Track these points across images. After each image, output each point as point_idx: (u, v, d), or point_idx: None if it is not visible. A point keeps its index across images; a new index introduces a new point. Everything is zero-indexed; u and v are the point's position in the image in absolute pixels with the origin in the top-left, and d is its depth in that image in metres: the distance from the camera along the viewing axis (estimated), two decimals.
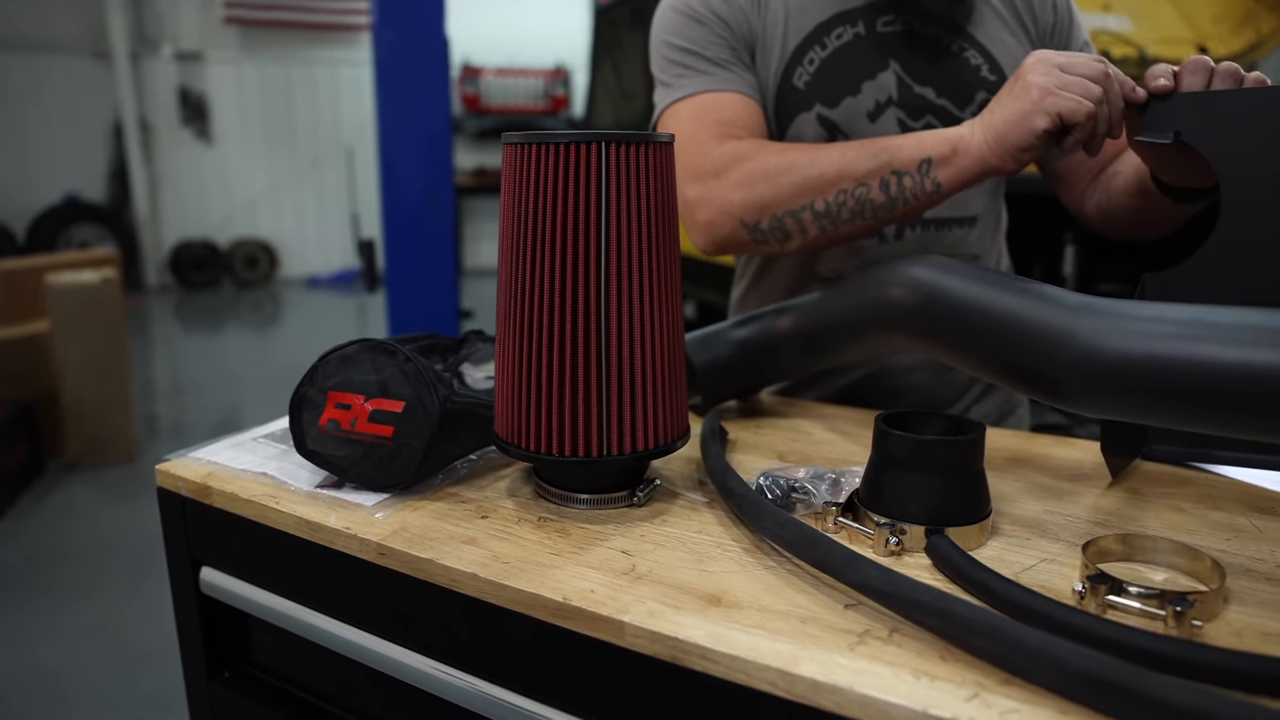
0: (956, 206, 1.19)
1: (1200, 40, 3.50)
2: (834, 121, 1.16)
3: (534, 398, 0.75)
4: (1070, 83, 0.87)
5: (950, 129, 0.98)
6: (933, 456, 0.68)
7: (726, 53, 1.16)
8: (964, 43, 1.16)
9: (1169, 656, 0.51)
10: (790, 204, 1.04)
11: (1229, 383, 0.57)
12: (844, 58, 1.15)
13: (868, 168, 1.00)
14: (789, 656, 0.55)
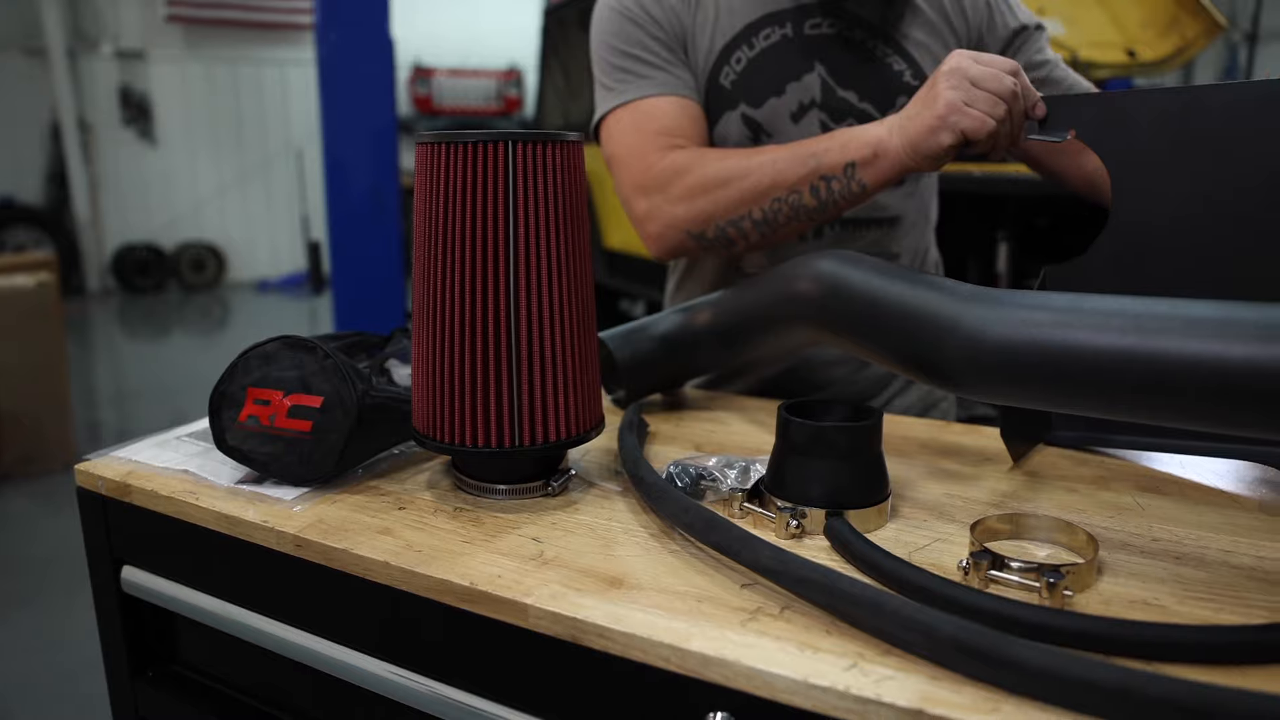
0: (874, 208, 1.22)
1: (1129, 44, 3.59)
2: (758, 121, 1.18)
3: (448, 391, 0.76)
4: (977, 99, 0.91)
5: (871, 130, 1.01)
6: (831, 442, 0.71)
7: (664, 53, 1.18)
8: (889, 48, 1.19)
9: (1033, 623, 0.54)
10: (730, 214, 1.09)
11: (1100, 367, 0.61)
12: (770, 58, 1.18)
13: (798, 175, 1.04)
14: (682, 633, 0.57)
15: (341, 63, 3.72)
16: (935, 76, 0.95)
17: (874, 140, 1.00)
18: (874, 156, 1.00)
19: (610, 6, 1.21)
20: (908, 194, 1.25)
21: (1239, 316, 0.57)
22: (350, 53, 3.72)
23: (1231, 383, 0.56)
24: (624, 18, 1.19)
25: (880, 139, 0.99)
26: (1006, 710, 0.48)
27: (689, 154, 1.13)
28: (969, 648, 0.50)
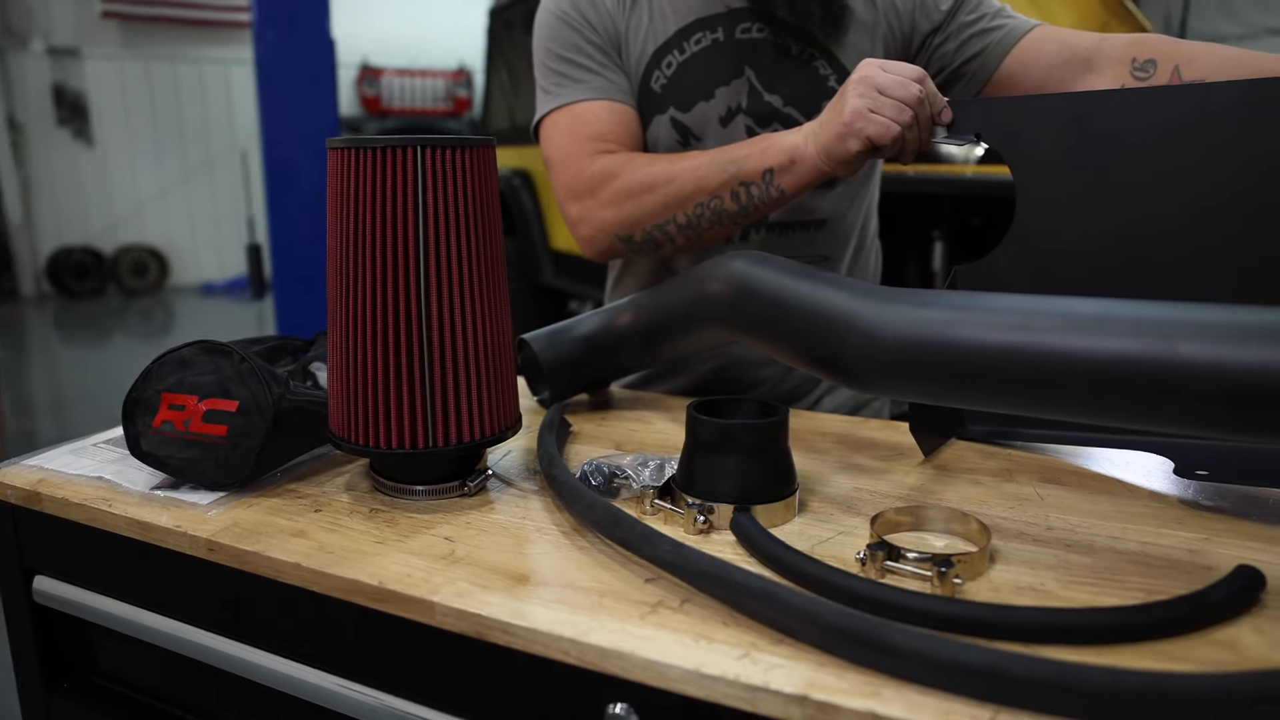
0: (800, 211, 1.24)
1: None
2: (687, 125, 1.20)
3: (362, 394, 0.77)
4: (883, 106, 0.94)
5: (789, 137, 1.04)
6: (737, 440, 0.73)
7: (599, 56, 1.20)
8: (815, 51, 1.20)
9: (918, 610, 0.56)
10: (656, 219, 1.12)
11: (987, 362, 0.63)
12: (701, 63, 1.19)
13: (719, 180, 1.07)
14: (582, 627, 0.58)
15: (280, 62, 3.69)
16: (845, 85, 0.97)
17: (791, 147, 1.02)
18: (791, 163, 1.02)
19: (549, 11, 1.23)
20: (837, 196, 1.27)
21: (1116, 314, 0.60)
22: (289, 52, 3.69)
23: (1106, 377, 0.58)
24: (562, 22, 1.21)
25: (796, 146, 1.02)
26: (886, 694, 0.50)
27: (618, 159, 1.15)
28: (851, 634, 0.52)
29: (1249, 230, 0.81)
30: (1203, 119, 0.82)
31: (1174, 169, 0.83)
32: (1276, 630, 0.57)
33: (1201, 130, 0.82)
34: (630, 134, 1.20)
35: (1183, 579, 0.64)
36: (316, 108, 3.87)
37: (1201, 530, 0.73)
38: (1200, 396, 0.55)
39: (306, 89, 3.79)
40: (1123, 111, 0.84)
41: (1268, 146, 0.79)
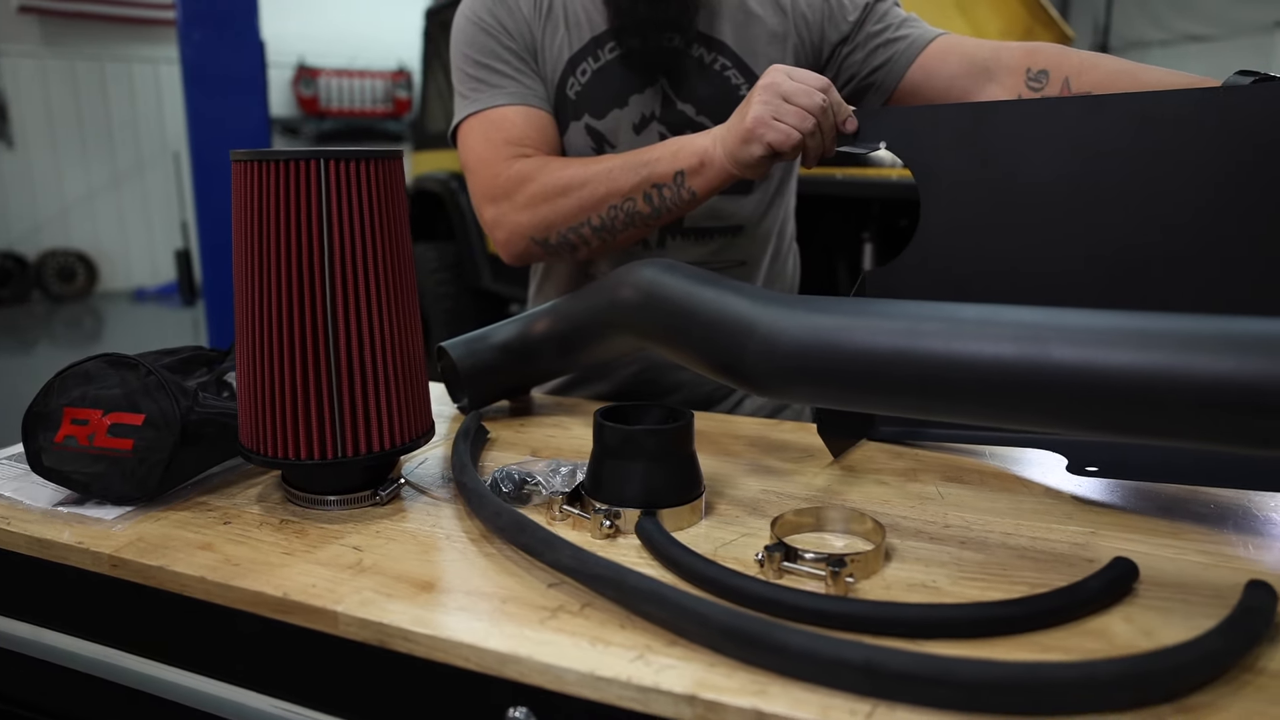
0: (717, 217, 1.26)
1: None
2: (601, 132, 1.21)
3: (271, 406, 0.77)
4: (785, 113, 0.96)
5: (699, 140, 1.06)
6: (641, 445, 0.74)
7: (515, 62, 1.21)
8: (727, 60, 1.22)
9: (808, 609, 0.58)
10: (570, 221, 1.13)
11: (876, 367, 0.65)
12: (613, 71, 1.21)
13: (631, 183, 1.08)
14: (482, 633, 0.59)
15: (207, 63, 3.63)
16: (752, 91, 0.99)
17: (700, 150, 1.04)
18: (701, 165, 1.04)
19: (466, 17, 1.23)
20: (753, 202, 1.29)
21: (997, 319, 0.62)
22: (216, 53, 3.63)
23: (985, 379, 0.60)
24: (478, 28, 1.22)
25: (706, 149, 1.04)
26: (772, 691, 0.52)
27: (533, 163, 1.16)
28: (738, 635, 0.53)
29: (1141, 234, 0.84)
30: (1093, 129, 0.85)
31: (1068, 177, 0.86)
32: (1145, 618, 0.60)
33: (1092, 140, 0.85)
34: (546, 139, 1.21)
35: (1066, 572, 0.67)
36: (246, 110, 3.81)
37: (1089, 524, 0.76)
38: (1070, 397, 0.58)
39: (235, 91, 3.73)
40: (1020, 122, 0.87)
41: (1157, 156, 0.82)
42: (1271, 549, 0.71)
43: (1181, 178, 0.81)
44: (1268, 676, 0.53)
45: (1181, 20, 8.97)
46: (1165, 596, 0.63)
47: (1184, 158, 0.81)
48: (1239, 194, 0.79)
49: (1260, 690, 0.51)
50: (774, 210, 1.32)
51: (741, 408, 1.35)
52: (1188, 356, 0.54)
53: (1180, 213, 0.82)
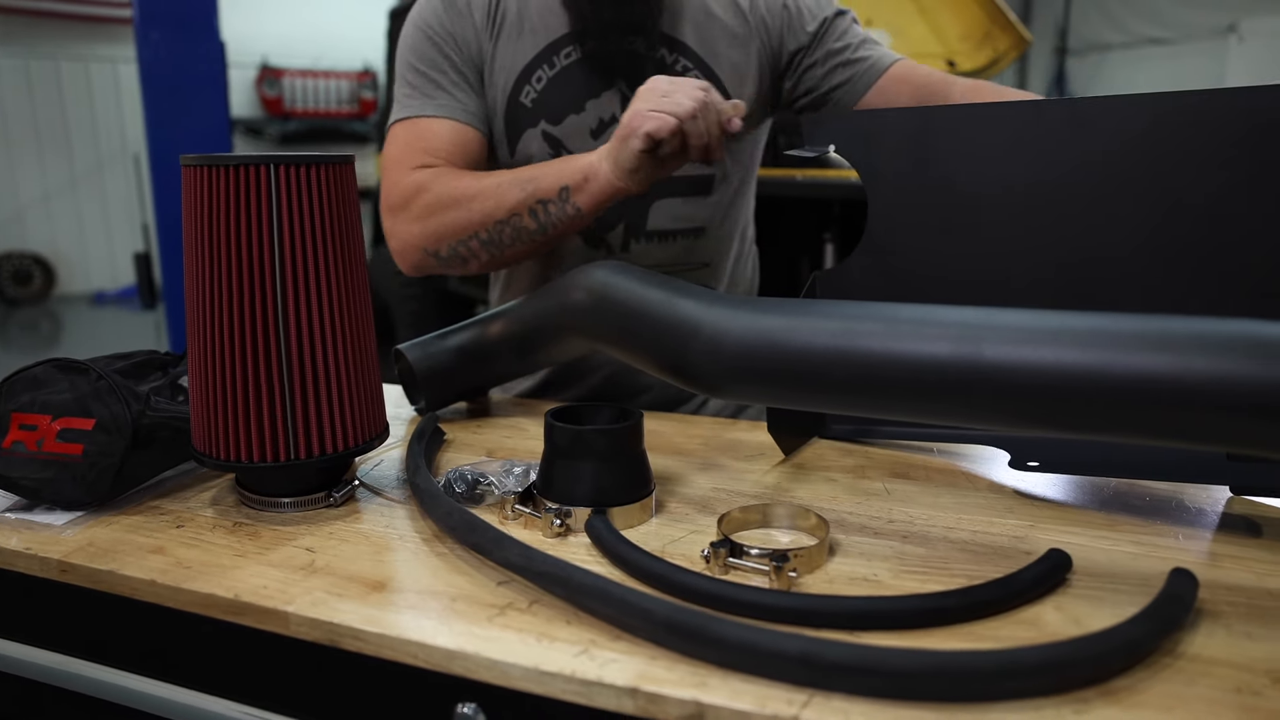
0: (680, 220, 1.28)
1: (949, 55, 3.82)
2: (558, 138, 1.22)
3: (223, 409, 0.77)
4: (663, 104, 0.98)
5: (587, 155, 1.08)
6: (590, 445, 0.75)
7: (454, 75, 1.21)
8: (690, 63, 1.23)
9: (750, 603, 0.60)
10: (459, 235, 1.14)
11: (816, 366, 0.67)
12: (571, 76, 1.22)
13: (518, 198, 1.10)
14: (430, 631, 0.60)
15: (166, 63, 3.59)
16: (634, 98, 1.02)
17: (586, 164, 1.06)
18: (585, 180, 1.06)
19: (415, 24, 1.24)
20: (713, 205, 1.30)
21: (933, 318, 0.64)
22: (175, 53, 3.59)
23: (921, 378, 0.62)
24: (425, 36, 1.22)
25: (591, 163, 1.06)
26: (712, 683, 0.53)
27: (429, 174, 1.17)
28: (679, 628, 0.55)
29: (1084, 237, 0.86)
30: (1033, 134, 0.87)
31: (1011, 181, 0.88)
32: (1076, 607, 0.62)
33: (1032, 144, 0.87)
34: (466, 154, 1.22)
35: (1003, 564, 0.69)
36: (206, 111, 3.77)
37: (1028, 518, 0.78)
38: (1003, 395, 0.60)
39: (195, 91, 3.69)
40: (963, 126, 0.89)
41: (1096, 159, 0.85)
42: (1200, 539, 0.74)
43: (1119, 182, 0.84)
44: (1186, 660, 0.55)
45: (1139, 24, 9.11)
46: (1096, 586, 0.65)
47: (1122, 162, 0.83)
48: (1177, 199, 0.82)
49: (1178, 673, 0.54)
50: (735, 212, 1.34)
51: (706, 409, 1.36)
52: (1113, 354, 0.56)
53: (1121, 216, 0.84)
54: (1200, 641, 0.57)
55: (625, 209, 1.24)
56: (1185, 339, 0.55)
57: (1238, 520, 0.77)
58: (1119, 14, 9.20)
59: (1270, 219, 0.78)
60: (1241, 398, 0.52)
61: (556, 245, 1.24)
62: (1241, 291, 0.81)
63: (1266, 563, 0.69)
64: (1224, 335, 0.54)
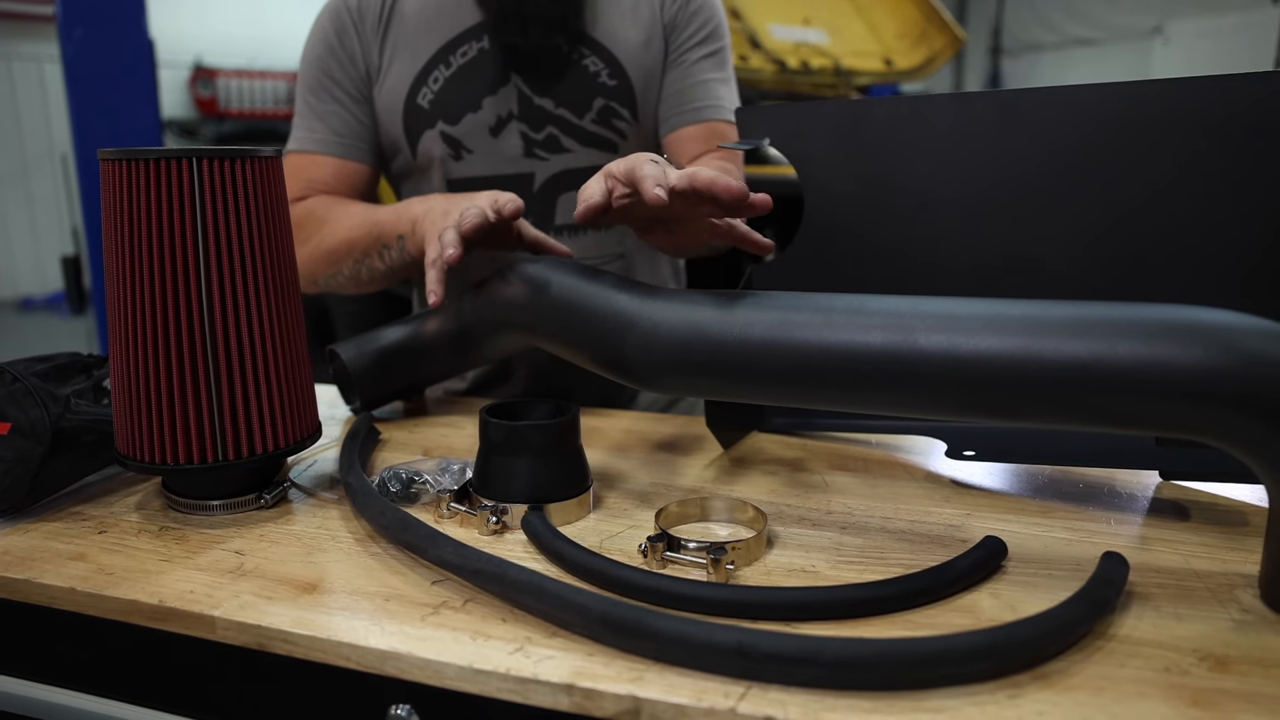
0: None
1: (886, 54, 3.86)
2: (456, 138, 1.21)
3: (147, 410, 0.75)
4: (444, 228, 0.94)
5: (417, 207, 1.07)
6: (525, 440, 0.74)
7: (329, 101, 1.23)
8: (585, 48, 1.22)
9: (687, 596, 0.59)
10: (327, 270, 1.18)
11: (750, 357, 0.66)
12: (468, 75, 1.21)
13: (367, 242, 1.12)
14: (362, 632, 0.59)
15: (91, 61, 3.49)
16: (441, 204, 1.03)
17: (413, 218, 1.06)
18: (412, 232, 1.07)
19: (320, 22, 1.24)
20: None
21: (867, 308, 0.64)
22: (101, 51, 3.49)
23: (855, 367, 0.62)
24: (311, 59, 1.24)
25: (418, 218, 1.06)
26: (649, 678, 0.53)
27: (304, 209, 1.20)
28: (615, 623, 0.54)
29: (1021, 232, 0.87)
30: (964, 126, 0.88)
31: (947, 174, 0.89)
32: (1011, 593, 0.62)
33: (967, 137, 0.88)
34: (349, 186, 1.24)
35: (940, 553, 0.69)
36: (135, 110, 3.67)
37: (965, 506, 0.79)
38: (936, 383, 0.60)
39: (122, 90, 3.59)
40: (897, 118, 0.89)
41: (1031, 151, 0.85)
42: (1131, 523, 0.75)
43: (1058, 176, 0.84)
44: (1117, 642, 0.56)
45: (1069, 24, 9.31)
46: (1031, 572, 0.66)
47: (1059, 156, 0.84)
48: (1101, 191, 0.83)
49: (1109, 655, 0.54)
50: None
51: (636, 404, 1.35)
52: (1042, 340, 0.57)
53: (1061, 212, 0.85)
54: (1130, 623, 0.58)
55: (531, 205, 1.24)
56: (1111, 324, 0.56)
57: (1167, 505, 0.79)
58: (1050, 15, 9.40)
59: (1223, 213, 0.79)
60: (1165, 382, 0.53)
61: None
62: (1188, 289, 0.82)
63: (1193, 545, 0.70)
64: (1148, 320, 0.55)
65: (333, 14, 1.23)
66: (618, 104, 1.23)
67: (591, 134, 1.23)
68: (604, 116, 1.22)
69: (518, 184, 1.23)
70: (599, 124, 1.23)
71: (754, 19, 3.68)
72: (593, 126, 1.22)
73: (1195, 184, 0.79)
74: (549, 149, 1.22)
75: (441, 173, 1.24)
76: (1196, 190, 0.79)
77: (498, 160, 1.22)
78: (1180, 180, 0.80)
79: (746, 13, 3.70)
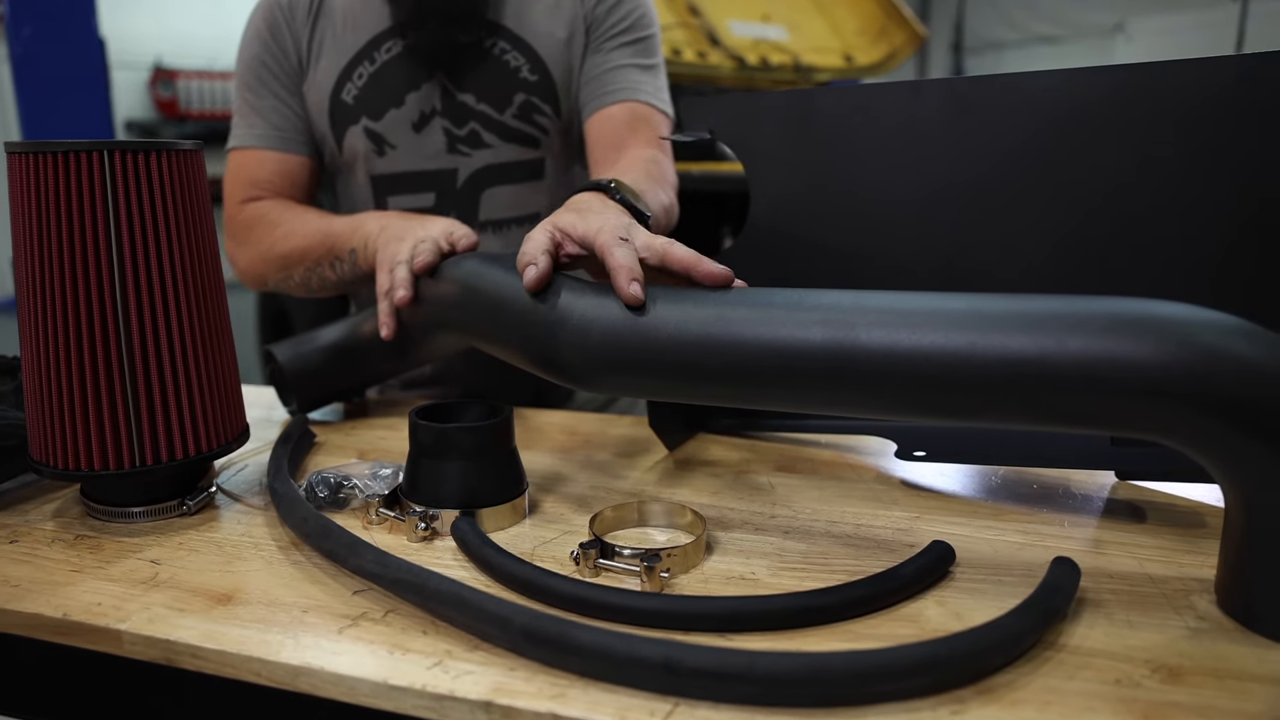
0: (514, 207, 1.24)
1: (846, 50, 3.85)
2: (379, 134, 1.19)
3: (60, 414, 0.72)
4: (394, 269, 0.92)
5: (370, 224, 1.04)
6: (455, 443, 0.71)
7: (270, 98, 1.21)
8: (507, 44, 1.19)
9: (616, 607, 0.56)
10: (277, 274, 1.16)
11: (685, 354, 0.64)
12: (391, 71, 1.19)
13: (320, 252, 1.10)
14: (274, 645, 0.56)
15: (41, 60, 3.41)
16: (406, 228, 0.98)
17: (366, 235, 1.04)
18: (364, 248, 1.04)
19: (252, 22, 1.23)
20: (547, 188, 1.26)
21: (807, 303, 0.62)
22: (50, 51, 3.42)
23: (793, 365, 0.60)
24: (247, 56, 1.22)
25: (370, 235, 1.03)
26: (571, 694, 0.50)
27: (255, 212, 1.18)
28: (536, 635, 0.51)
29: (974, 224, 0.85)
30: (912, 114, 0.85)
31: (896, 165, 0.87)
32: (958, 601, 0.60)
33: (919, 128, 0.85)
34: (291, 181, 1.22)
35: (886, 558, 0.67)
36: (87, 111, 3.60)
37: (914, 509, 0.77)
38: (878, 381, 0.57)
39: (73, 90, 3.51)
40: (844, 107, 0.87)
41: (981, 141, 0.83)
42: (1085, 525, 0.73)
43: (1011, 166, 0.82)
44: (1067, 652, 0.53)
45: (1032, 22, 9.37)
46: (980, 578, 0.64)
47: (1005, 146, 0.82)
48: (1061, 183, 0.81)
49: (1058, 666, 0.52)
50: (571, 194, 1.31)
51: (571, 403, 1.32)
52: (987, 335, 0.54)
53: (1008, 203, 0.83)
54: (1081, 632, 0.55)
55: (455, 200, 1.22)
56: (1061, 318, 0.53)
57: (1122, 506, 0.77)
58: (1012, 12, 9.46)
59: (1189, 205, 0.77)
60: (1117, 379, 0.51)
61: None
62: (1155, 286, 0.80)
63: (1149, 548, 0.68)
64: (1099, 314, 0.53)
65: (265, 11, 1.21)
66: (539, 99, 1.20)
67: (513, 129, 1.20)
68: (525, 111, 1.20)
69: (441, 179, 1.21)
70: (520, 119, 1.20)
71: (713, 15, 3.66)
72: (514, 122, 1.20)
73: (1159, 174, 0.77)
74: (471, 144, 1.20)
75: (365, 168, 1.22)
76: (1160, 181, 0.77)
77: (420, 156, 1.20)
78: (1144, 170, 0.78)
79: (705, 9, 3.68)
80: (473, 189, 1.22)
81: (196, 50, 9.41)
